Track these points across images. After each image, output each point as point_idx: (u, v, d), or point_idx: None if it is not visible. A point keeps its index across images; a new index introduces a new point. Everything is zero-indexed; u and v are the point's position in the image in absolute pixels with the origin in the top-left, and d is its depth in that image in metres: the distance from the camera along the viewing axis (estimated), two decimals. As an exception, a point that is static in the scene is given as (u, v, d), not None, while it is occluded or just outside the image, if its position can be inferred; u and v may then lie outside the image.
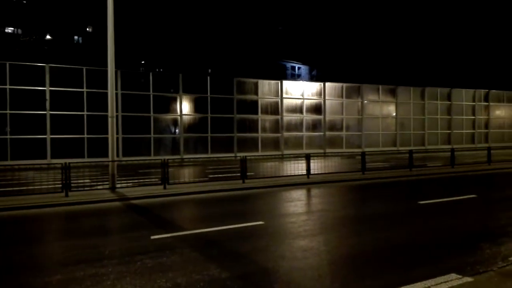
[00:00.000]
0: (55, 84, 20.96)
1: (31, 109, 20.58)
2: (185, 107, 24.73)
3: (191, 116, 24.94)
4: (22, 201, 10.34)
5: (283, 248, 6.38)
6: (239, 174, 13.78)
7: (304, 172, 14.87)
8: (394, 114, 31.86)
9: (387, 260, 5.82)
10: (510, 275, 5.01)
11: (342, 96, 29.68)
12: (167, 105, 24.45)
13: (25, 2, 47.21)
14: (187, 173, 17.50)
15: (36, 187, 12.15)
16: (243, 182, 13.55)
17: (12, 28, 48.28)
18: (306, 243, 6.60)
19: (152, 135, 23.58)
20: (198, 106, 25.10)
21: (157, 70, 48.97)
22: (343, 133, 29.65)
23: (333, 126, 29.36)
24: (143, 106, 23.41)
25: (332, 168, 16.47)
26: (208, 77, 25.96)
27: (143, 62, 51.54)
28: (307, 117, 28.35)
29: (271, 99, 27.24)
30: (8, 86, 20.06)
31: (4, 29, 47.60)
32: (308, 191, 12.77)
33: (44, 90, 20.73)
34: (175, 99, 24.48)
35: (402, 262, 5.76)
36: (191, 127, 24.89)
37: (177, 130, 24.86)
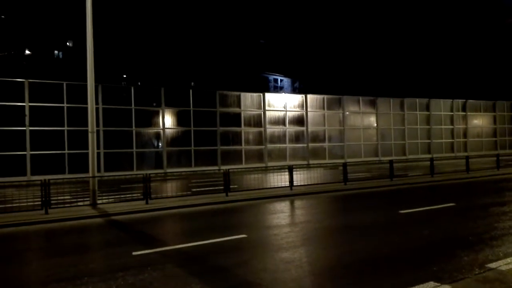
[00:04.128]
0: (34, 100, 20.68)
1: (10, 125, 20.21)
2: (168, 120, 24.65)
3: (174, 130, 24.87)
4: (0, 220, 10.11)
5: (266, 261, 6.41)
6: (222, 187, 13.79)
7: (287, 184, 14.96)
8: (375, 124, 32.38)
9: (367, 270, 5.90)
10: (486, 281, 5.14)
11: (323, 108, 30.08)
12: (150, 119, 24.36)
13: (3, 16, 46.63)
14: (170, 187, 17.36)
15: (14, 204, 11.89)
16: (227, 195, 13.55)
17: (-10, 43, 47.52)
18: (288, 255, 6.64)
19: (134, 149, 23.39)
20: (181, 120, 25.07)
21: (139, 84, 48.71)
22: (326, 144, 29.96)
23: (315, 138, 29.67)
24: (125, 121, 23.26)
25: (314, 180, 16.60)
26: (191, 90, 26.00)
27: (124, 76, 51.25)
28: (290, 129, 28.59)
29: (254, 111, 27.40)
30: (-15, 102, 19.74)
31: (-18, 44, 46.89)
32: (291, 203, 12.84)
33: (24, 105, 20.43)
34: (157, 113, 24.41)
35: (382, 271, 5.85)
36: (174, 141, 24.80)
37: (160, 144, 24.73)
